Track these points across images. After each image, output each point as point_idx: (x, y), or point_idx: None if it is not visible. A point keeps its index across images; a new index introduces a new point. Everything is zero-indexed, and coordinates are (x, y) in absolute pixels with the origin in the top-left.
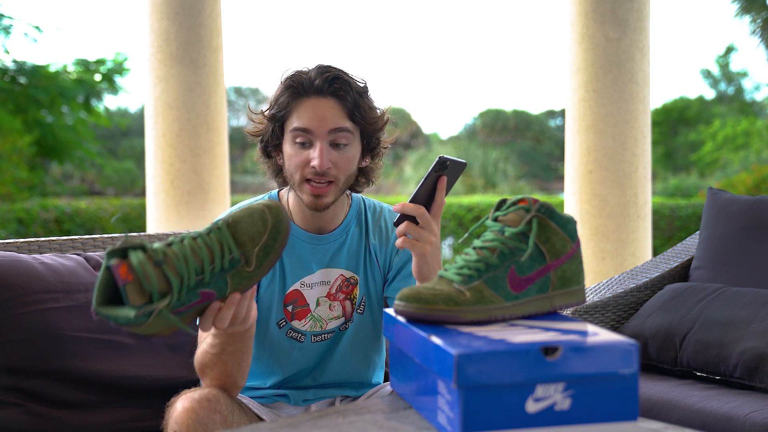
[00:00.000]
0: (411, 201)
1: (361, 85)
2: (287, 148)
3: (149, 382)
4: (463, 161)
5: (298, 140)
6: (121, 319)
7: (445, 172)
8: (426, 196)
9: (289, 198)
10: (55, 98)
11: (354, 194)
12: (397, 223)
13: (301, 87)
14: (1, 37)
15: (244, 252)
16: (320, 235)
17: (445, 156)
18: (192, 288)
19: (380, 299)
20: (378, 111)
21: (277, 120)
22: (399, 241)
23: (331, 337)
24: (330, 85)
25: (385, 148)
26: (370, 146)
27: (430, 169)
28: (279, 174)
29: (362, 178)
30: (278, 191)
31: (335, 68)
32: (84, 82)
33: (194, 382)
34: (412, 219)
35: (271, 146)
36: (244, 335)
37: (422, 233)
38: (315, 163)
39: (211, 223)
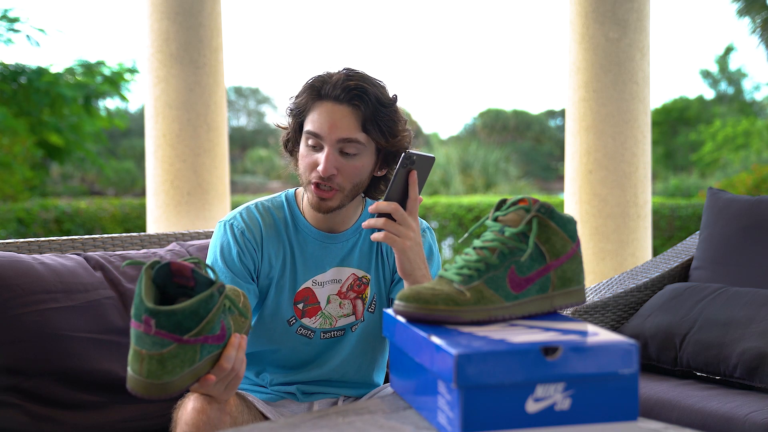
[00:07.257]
0: (385, 200)
1: (385, 96)
2: (301, 147)
3: None
4: (431, 155)
5: (309, 142)
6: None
7: (414, 166)
8: (399, 193)
9: (305, 197)
10: (55, 100)
11: (368, 198)
12: (371, 224)
13: (319, 90)
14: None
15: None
16: (333, 234)
17: (411, 151)
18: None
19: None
20: (401, 124)
21: (296, 118)
22: (380, 235)
23: (341, 335)
24: (347, 92)
25: None
26: (388, 158)
27: (397, 166)
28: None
29: (382, 185)
30: (295, 190)
31: (361, 75)
32: (85, 86)
33: None
34: (389, 217)
35: (291, 142)
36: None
37: (400, 229)
38: (319, 168)
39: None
